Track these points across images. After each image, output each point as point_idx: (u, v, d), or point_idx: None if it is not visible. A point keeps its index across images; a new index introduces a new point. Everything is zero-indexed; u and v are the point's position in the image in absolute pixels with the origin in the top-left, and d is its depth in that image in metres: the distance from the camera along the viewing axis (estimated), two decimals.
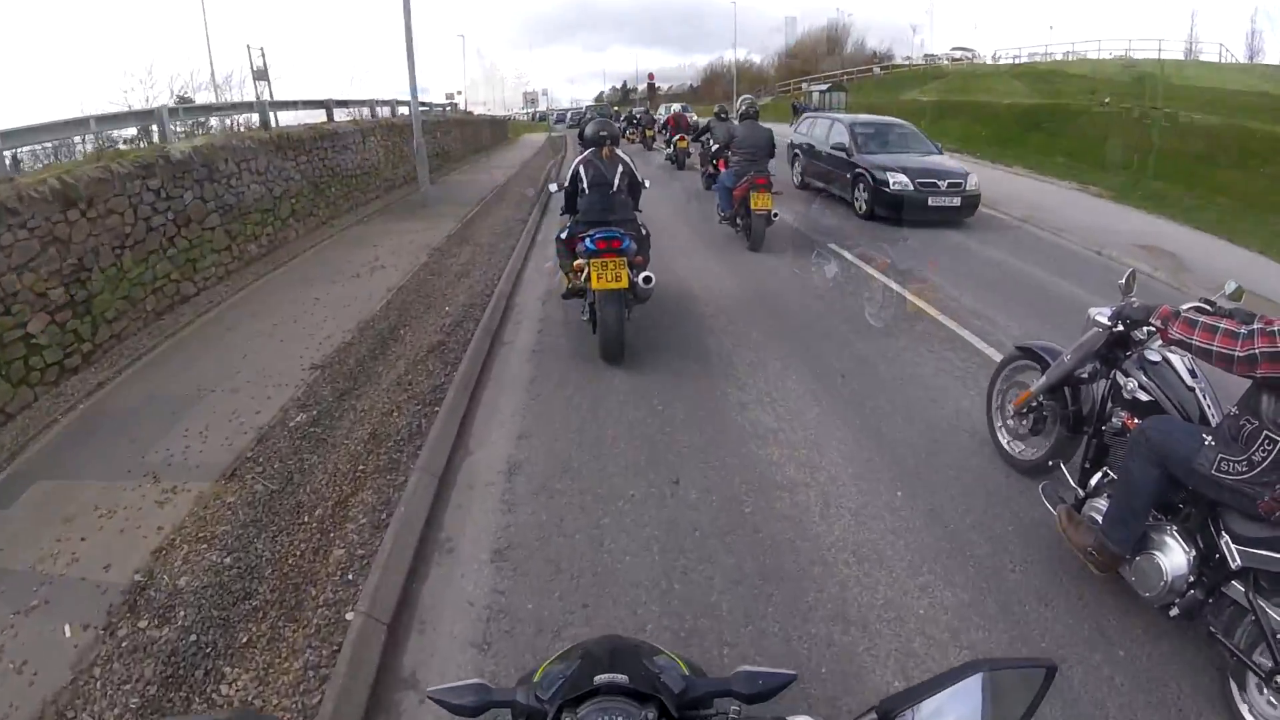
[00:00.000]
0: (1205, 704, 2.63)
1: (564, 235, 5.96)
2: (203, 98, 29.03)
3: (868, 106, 35.77)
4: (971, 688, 0.87)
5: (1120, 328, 3.20)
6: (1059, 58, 44.64)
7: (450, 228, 10.89)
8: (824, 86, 36.21)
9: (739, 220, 9.54)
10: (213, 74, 30.26)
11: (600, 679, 0.98)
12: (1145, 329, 3.12)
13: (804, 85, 42.82)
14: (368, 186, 13.84)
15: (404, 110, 19.16)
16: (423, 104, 22.09)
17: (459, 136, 23.79)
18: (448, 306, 6.74)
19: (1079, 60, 41.48)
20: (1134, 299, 3.20)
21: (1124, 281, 3.34)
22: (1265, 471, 2.43)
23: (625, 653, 1.10)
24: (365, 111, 16.31)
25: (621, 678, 0.99)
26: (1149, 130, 21.48)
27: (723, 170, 10.17)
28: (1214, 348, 2.47)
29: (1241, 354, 2.38)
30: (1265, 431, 2.44)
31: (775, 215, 9.08)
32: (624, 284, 5.35)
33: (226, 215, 8.58)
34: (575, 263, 5.59)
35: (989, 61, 49.65)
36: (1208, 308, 2.90)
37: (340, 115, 14.78)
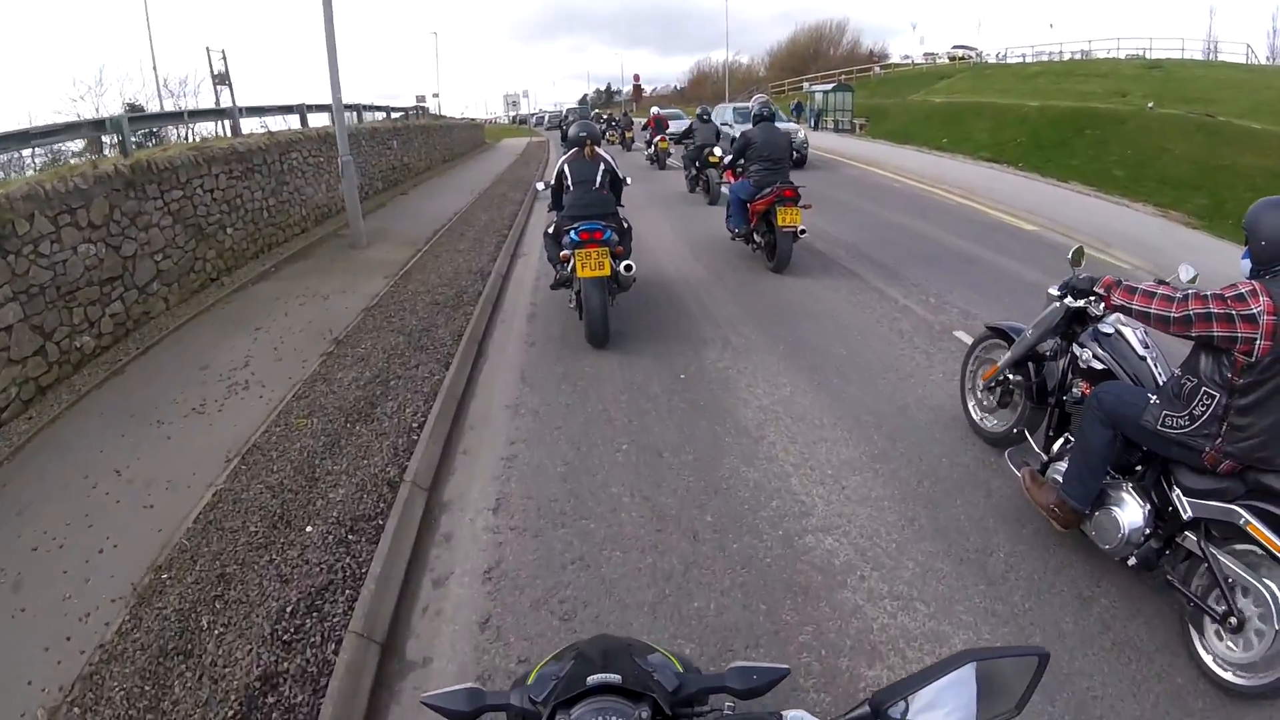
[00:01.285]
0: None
1: (550, 230, 6.35)
2: (155, 107, 25.74)
3: (873, 108, 33.08)
4: (964, 678, 0.87)
5: (1069, 298, 3.42)
6: (1068, 57, 42.20)
7: (378, 288, 7.75)
8: (828, 86, 33.17)
9: (756, 237, 8.46)
10: (158, 79, 26.93)
11: (593, 679, 0.97)
12: (1096, 302, 3.29)
13: (805, 85, 39.82)
14: (287, 220, 10.65)
15: (349, 117, 16.00)
16: (378, 107, 18.94)
17: (423, 146, 20.50)
18: (312, 523, 3.60)
19: (1096, 60, 38.87)
20: (1081, 271, 3.42)
21: (1071, 256, 3.58)
22: (1205, 424, 2.62)
23: (618, 652, 1.07)
24: (294, 120, 13.11)
25: (614, 677, 0.97)
26: (1211, 139, 18.84)
27: (732, 181, 8.91)
28: (1152, 310, 2.69)
29: (1176, 315, 2.59)
30: (1203, 387, 2.63)
31: (803, 232, 7.98)
32: (606, 272, 5.68)
33: (33, 302, 5.56)
34: (561, 253, 5.88)
35: (994, 60, 47.24)
36: (1161, 285, 2.99)
37: (253, 126, 11.64)
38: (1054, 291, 3.54)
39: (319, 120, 14.76)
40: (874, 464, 4.05)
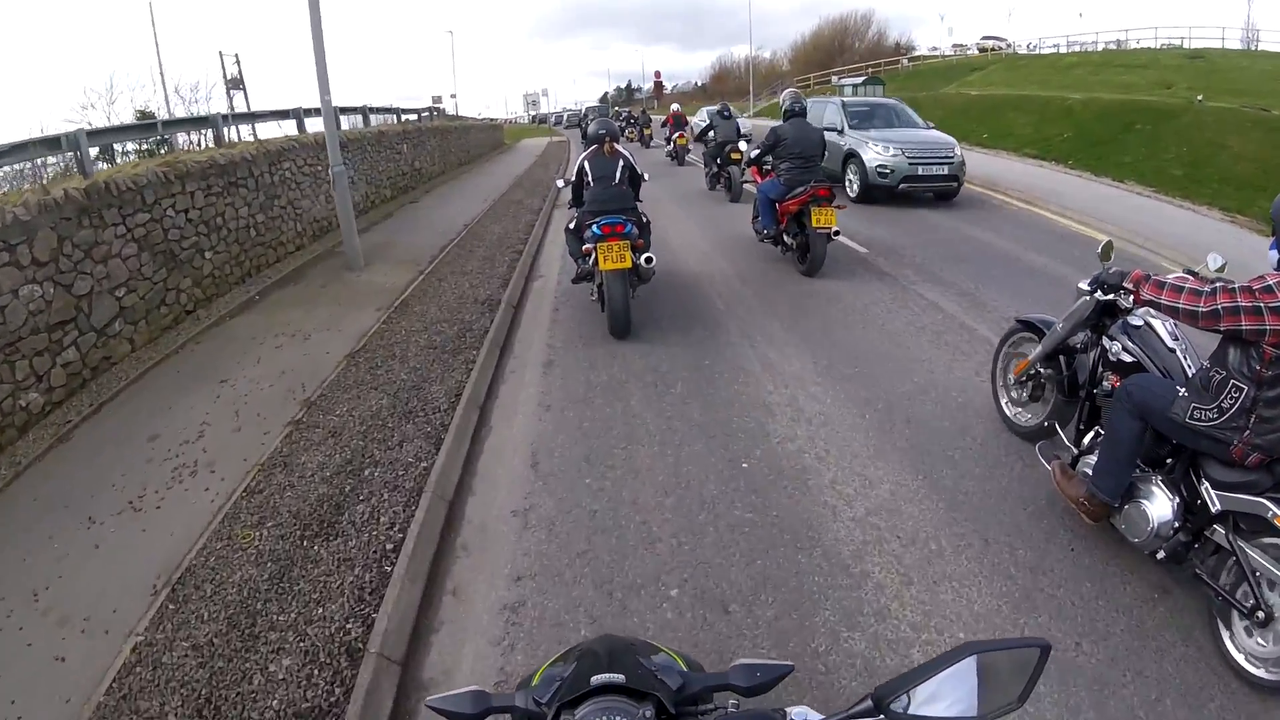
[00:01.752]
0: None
1: (572, 225, 6.44)
2: (165, 114, 24.85)
3: (905, 101, 31.65)
4: (965, 670, 0.87)
5: (1099, 292, 3.39)
6: (1101, 47, 40.52)
7: (368, 323, 6.69)
8: (859, 79, 31.84)
9: (786, 239, 8.03)
10: (164, 85, 26.14)
11: (597, 679, 0.97)
12: (1125, 296, 3.29)
13: (833, 79, 38.46)
14: (279, 238, 9.64)
15: (351, 120, 15.01)
16: (387, 109, 17.92)
17: (436, 149, 19.45)
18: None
19: (1134, 50, 37.19)
20: (1111, 266, 3.42)
21: (1101, 250, 3.60)
22: (1233, 417, 2.59)
23: (622, 652, 1.07)
24: (290, 125, 12.11)
25: (618, 677, 0.97)
26: (1270, 135, 17.50)
27: (759, 180, 8.51)
28: (1180, 305, 2.64)
29: (1205, 309, 2.54)
30: (1232, 380, 2.59)
31: (837, 233, 7.62)
32: (628, 264, 5.83)
33: None
34: (584, 247, 6.03)
35: (1026, 51, 45.62)
36: (1189, 278, 2.89)
37: (242, 133, 10.66)
38: (1084, 286, 3.51)
39: (320, 125, 13.80)
40: (1017, 616, 2.92)
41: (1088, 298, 3.49)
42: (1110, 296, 3.37)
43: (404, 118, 18.24)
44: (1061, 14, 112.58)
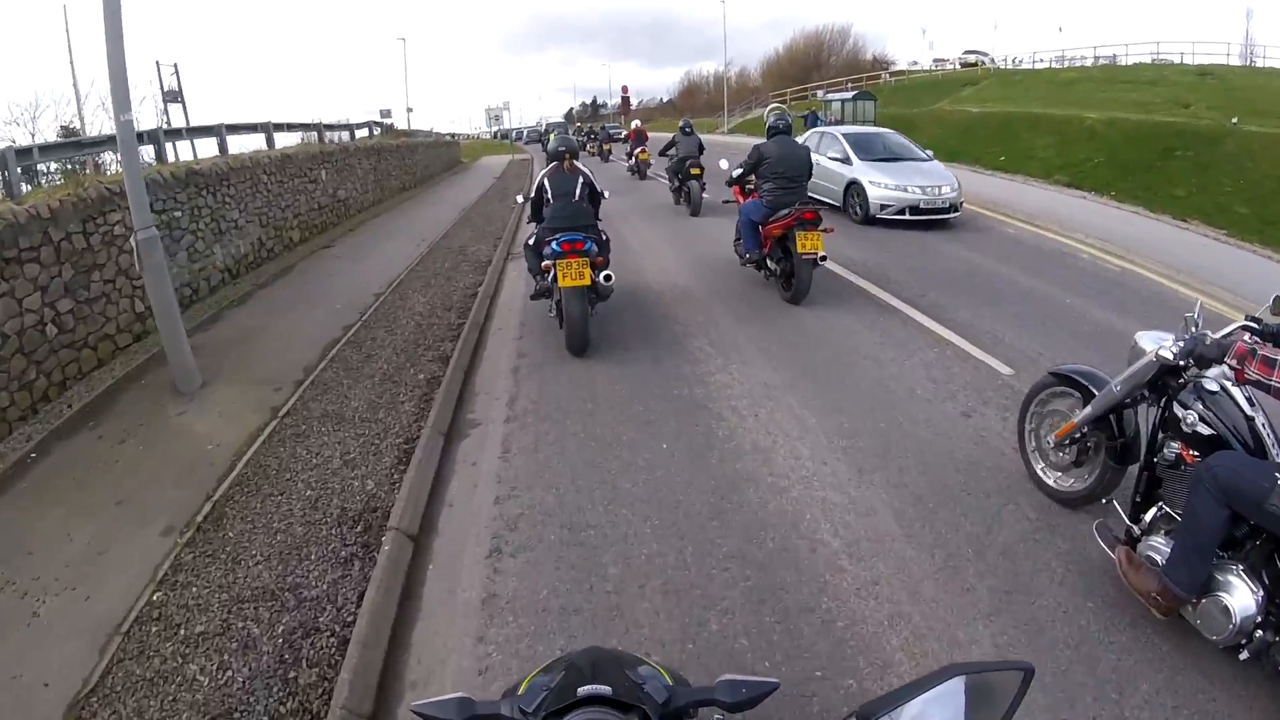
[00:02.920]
0: None
1: (531, 241, 6.46)
2: (94, 129, 21.43)
3: (895, 118, 29.00)
4: (953, 690, 0.84)
5: (1193, 366, 2.83)
6: (1089, 62, 38.68)
7: (137, 580, 3.54)
8: (848, 94, 29.19)
9: (770, 264, 7.51)
10: (78, 97, 22.72)
11: (584, 690, 0.96)
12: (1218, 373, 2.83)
13: (819, 93, 35.87)
14: (103, 330, 6.56)
15: (248, 141, 11.88)
16: (303, 126, 14.70)
17: (370, 173, 16.25)
18: None
19: (1140, 66, 35.19)
20: (1205, 333, 2.87)
21: (1193, 314, 3.00)
22: None
23: (608, 664, 1.06)
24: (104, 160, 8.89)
25: (605, 689, 0.96)
26: None
27: (741, 201, 8.01)
28: None
29: None
30: None
31: (823, 258, 7.11)
32: (587, 281, 5.79)
33: None
34: (543, 264, 5.94)
35: (1010, 66, 43.71)
36: (1254, 325, 2.80)
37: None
38: (1167, 355, 2.84)
39: (204, 148, 10.66)
40: None
41: (1152, 358, 2.92)
42: (1211, 372, 2.72)
43: (329, 136, 15.00)
44: (1040, 29, 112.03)
